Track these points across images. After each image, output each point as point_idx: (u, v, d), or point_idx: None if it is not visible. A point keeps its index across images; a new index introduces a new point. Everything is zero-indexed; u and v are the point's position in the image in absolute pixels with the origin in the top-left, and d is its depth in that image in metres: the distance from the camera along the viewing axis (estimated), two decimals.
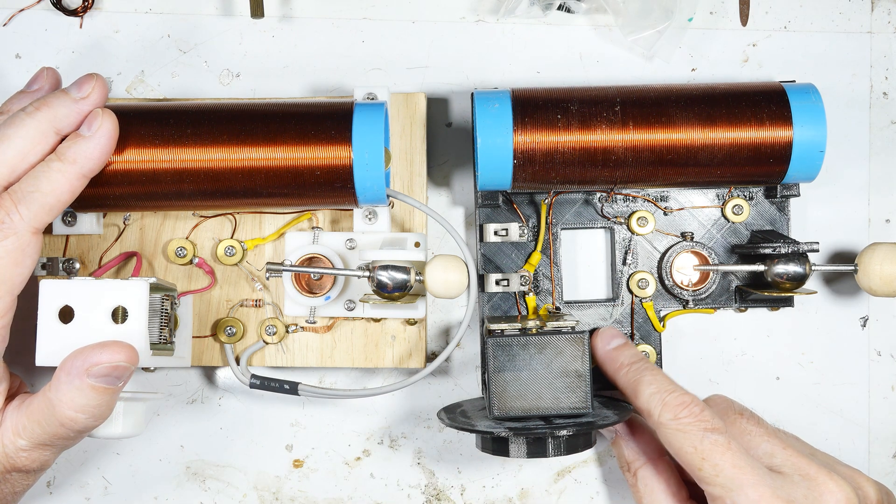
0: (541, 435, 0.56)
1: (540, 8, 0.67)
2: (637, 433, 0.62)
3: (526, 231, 0.65)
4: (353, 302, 0.63)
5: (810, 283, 0.63)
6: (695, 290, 0.65)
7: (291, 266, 0.61)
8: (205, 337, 0.65)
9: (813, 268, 0.61)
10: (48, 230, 0.64)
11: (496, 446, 0.58)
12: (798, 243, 0.61)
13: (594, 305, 0.66)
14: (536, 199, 0.65)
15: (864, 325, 0.68)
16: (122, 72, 0.67)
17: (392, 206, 0.65)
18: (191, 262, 0.64)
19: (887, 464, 0.68)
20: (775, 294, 0.62)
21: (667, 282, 0.65)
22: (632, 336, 0.65)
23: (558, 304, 0.65)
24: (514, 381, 0.57)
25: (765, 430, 0.58)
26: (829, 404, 0.67)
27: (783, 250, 0.61)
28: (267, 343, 0.64)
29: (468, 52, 0.68)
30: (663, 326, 0.65)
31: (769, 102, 0.60)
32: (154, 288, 0.58)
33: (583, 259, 0.67)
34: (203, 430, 0.67)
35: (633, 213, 0.65)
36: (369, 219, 0.63)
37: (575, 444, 0.57)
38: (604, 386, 0.62)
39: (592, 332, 0.63)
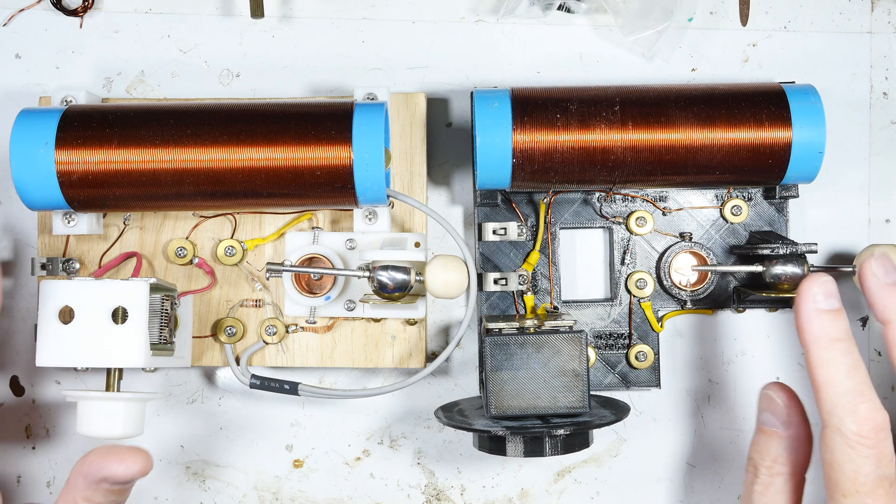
0: (538, 434, 0.56)
1: (540, 8, 0.67)
2: (802, 440, 0.53)
3: (524, 230, 0.65)
4: (353, 302, 0.64)
5: None
6: (693, 291, 0.65)
7: (291, 266, 0.62)
8: (205, 337, 0.65)
9: (811, 269, 0.61)
10: (48, 230, 0.64)
11: (493, 445, 0.58)
12: (796, 244, 0.61)
13: (592, 305, 0.66)
14: (535, 198, 0.65)
15: (863, 326, 0.68)
16: (122, 72, 0.67)
17: (392, 206, 0.65)
18: (191, 262, 0.64)
19: None
20: (773, 295, 0.62)
21: (665, 282, 0.65)
22: (630, 336, 0.65)
23: (556, 304, 0.65)
24: (512, 379, 0.57)
25: None
26: None
27: (781, 251, 0.61)
28: (267, 343, 0.64)
29: (468, 52, 0.68)
30: (661, 327, 0.65)
31: (768, 103, 0.60)
32: (154, 288, 0.59)
33: (581, 259, 0.67)
34: (203, 430, 0.67)
35: (632, 213, 0.65)
36: (369, 219, 0.63)
37: (572, 444, 0.57)
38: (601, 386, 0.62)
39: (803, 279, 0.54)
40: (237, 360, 0.64)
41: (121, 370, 0.59)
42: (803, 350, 0.51)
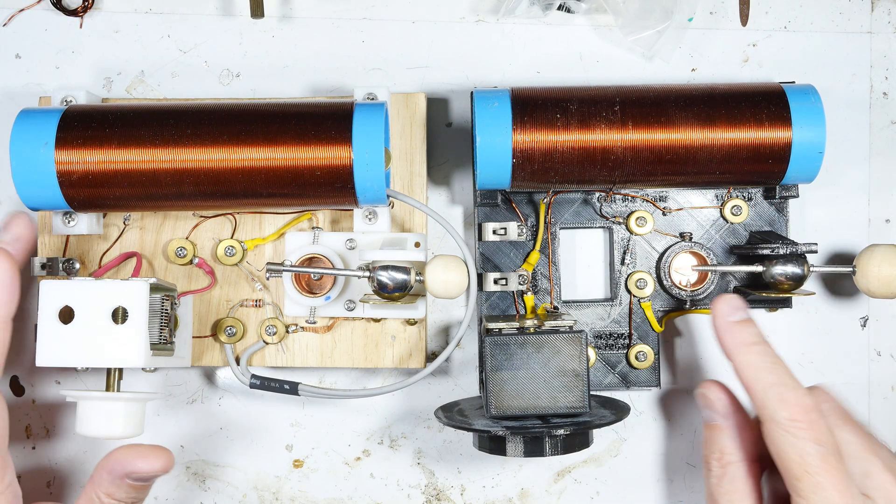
0: (538, 434, 0.56)
1: (540, 8, 0.67)
2: (744, 427, 0.58)
3: (524, 230, 0.65)
4: (353, 302, 0.64)
5: (809, 284, 0.63)
6: (693, 291, 0.65)
7: (291, 266, 0.62)
8: (205, 337, 0.65)
9: (811, 269, 0.61)
10: (48, 230, 0.64)
11: (493, 445, 0.58)
12: (796, 244, 0.61)
13: (592, 305, 0.66)
14: (535, 198, 0.65)
15: (863, 326, 0.68)
16: (122, 72, 0.67)
17: (392, 206, 0.65)
18: (191, 262, 0.64)
19: None
20: (773, 295, 0.62)
21: (665, 282, 0.65)
22: (629, 336, 0.65)
23: (556, 304, 0.65)
24: (512, 379, 0.57)
25: (866, 446, 0.55)
26: None
27: (781, 251, 0.61)
28: (267, 343, 0.64)
29: (468, 52, 0.68)
30: (661, 326, 0.65)
31: (768, 103, 0.60)
32: (154, 288, 0.59)
33: (581, 259, 0.67)
34: (203, 430, 0.67)
35: (632, 213, 0.65)
36: (369, 219, 0.63)
37: (572, 444, 0.57)
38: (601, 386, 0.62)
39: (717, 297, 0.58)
40: (237, 360, 0.64)
41: (121, 370, 0.59)
42: (728, 359, 0.56)
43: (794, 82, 0.63)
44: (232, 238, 0.65)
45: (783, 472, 0.53)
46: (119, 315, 0.57)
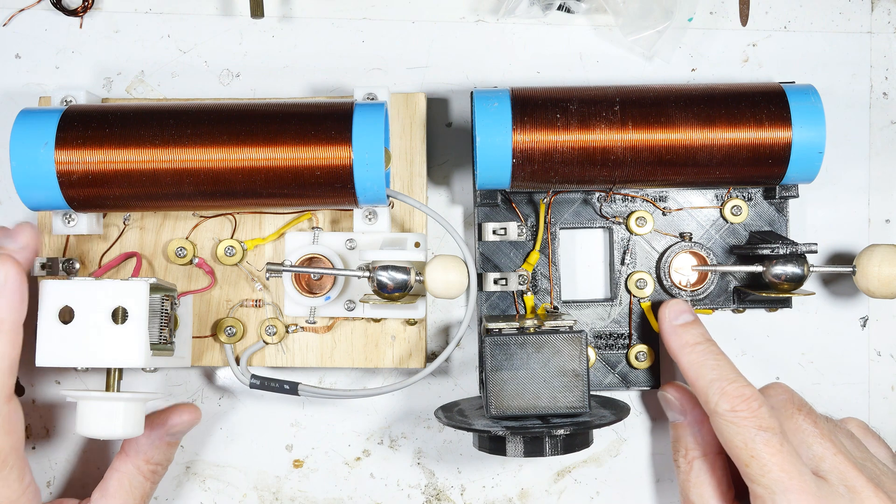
0: (538, 434, 0.56)
1: (540, 8, 0.67)
2: (705, 422, 0.60)
3: (524, 230, 0.65)
4: (353, 302, 0.64)
5: (809, 284, 0.63)
6: (693, 291, 0.65)
7: (291, 266, 0.62)
8: (205, 337, 0.65)
9: (811, 269, 0.61)
10: (48, 230, 0.64)
11: (493, 445, 0.58)
12: (796, 244, 0.61)
13: (592, 305, 0.66)
14: (535, 198, 0.65)
15: (863, 326, 0.68)
16: (122, 72, 0.67)
17: (392, 206, 0.65)
18: (191, 262, 0.64)
19: None
20: (773, 295, 0.62)
21: (665, 282, 0.65)
22: (629, 336, 0.65)
23: (556, 304, 0.65)
24: (512, 379, 0.57)
25: (819, 431, 0.57)
26: (829, 404, 0.67)
27: (781, 251, 0.61)
28: (267, 343, 0.64)
29: (468, 52, 0.68)
30: None
31: (768, 103, 0.60)
32: (154, 288, 0.59)
33: (581, 259, 0.67)
34: (203, 430, 0.67)
35: (632, 213, 0.65)
36: (369, 219, 0.63)
37: (572, 444, 0.57)
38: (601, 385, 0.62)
39: (660, 304, 0.63)
40: (237, 360, 0.64)
41: (121, 370, 0.59)
42: (675, 361, 0.60)
43: (794, 82, 0.63)
44: (232, 238, 0.65)
45: (735, 461, 0.56)
46: (119, 315, 0.57)
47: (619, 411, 0.60)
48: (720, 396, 0.56)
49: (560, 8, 0.67)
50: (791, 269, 0.61)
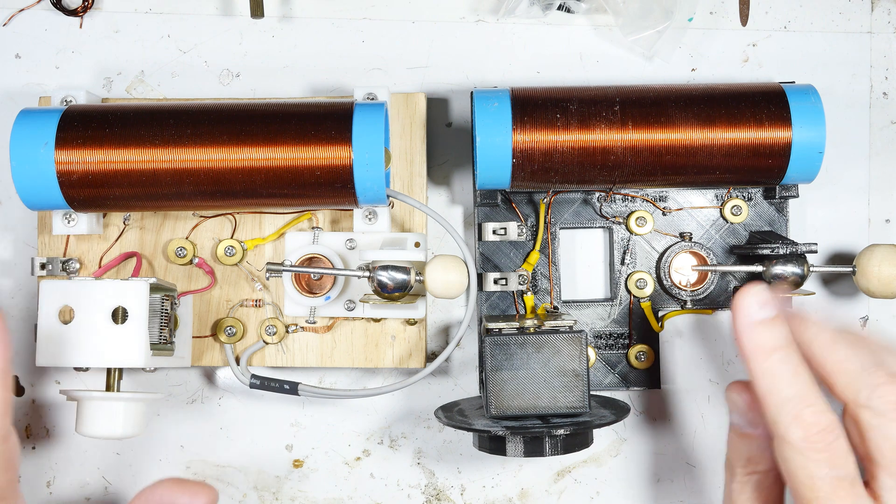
0: (538, 434, 0.56)
1: (540, 8, 0.67)
2: (769, 436, 0.51)
3: (524, 230, 0.65)
4: (353, 302, 0.64)
5: (809, 284, 0.63)
6: (693, 291, 0.65)
7: (291, 266, 0.62)
8: (205, 337, 0.65)
9: (811, 269, 0.61)
10: (48, 230, 0.64)
11: (493, 445, 0.58)
12: (796, 244, 0.61)
13: (592, 305, 0.66)
14: (535, 198, 0.65)
15: (863, 326, 0.68)
16: (122, 72, 0.67)
17: (392, 206, 0.65)
18: (191, 262, 0.64)
19: None
20: None
21: (665, 282, 0.65)
22: (629, 336, 0.65)
23: (556, 304, 0.65)
24: (512, 379, 0.57)
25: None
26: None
27: (781, 251, 0.61)
28: (267, 343, 0.64)
29: (468, 52, 0.68)
30: (661, 327, 0.65)
31: (768, 103, 0.60)
32: (154, 288, 0.59)
33: (581, 259, 0.67)
34: (203, 430, 0.67)
35: (632, 212, 0.65)
36: (369, 219, 0.63)
37: (572, 444, 0.57)
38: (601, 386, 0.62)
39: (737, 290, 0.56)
40: (237, 360, 0.64)
41: (121, 370, 0.59)
42: (744, 364, 0.50)
43: (794, 82, 0.63)
44: (232, 238, 0.65)
45: (792, 493, 0.49)
46: (119, 315, 0.57)
47: (619, 411, 0.60)
48: (793, 421, 0.48)
49: (560, 8, 0.67)
50: (791, 269, 0.61)
